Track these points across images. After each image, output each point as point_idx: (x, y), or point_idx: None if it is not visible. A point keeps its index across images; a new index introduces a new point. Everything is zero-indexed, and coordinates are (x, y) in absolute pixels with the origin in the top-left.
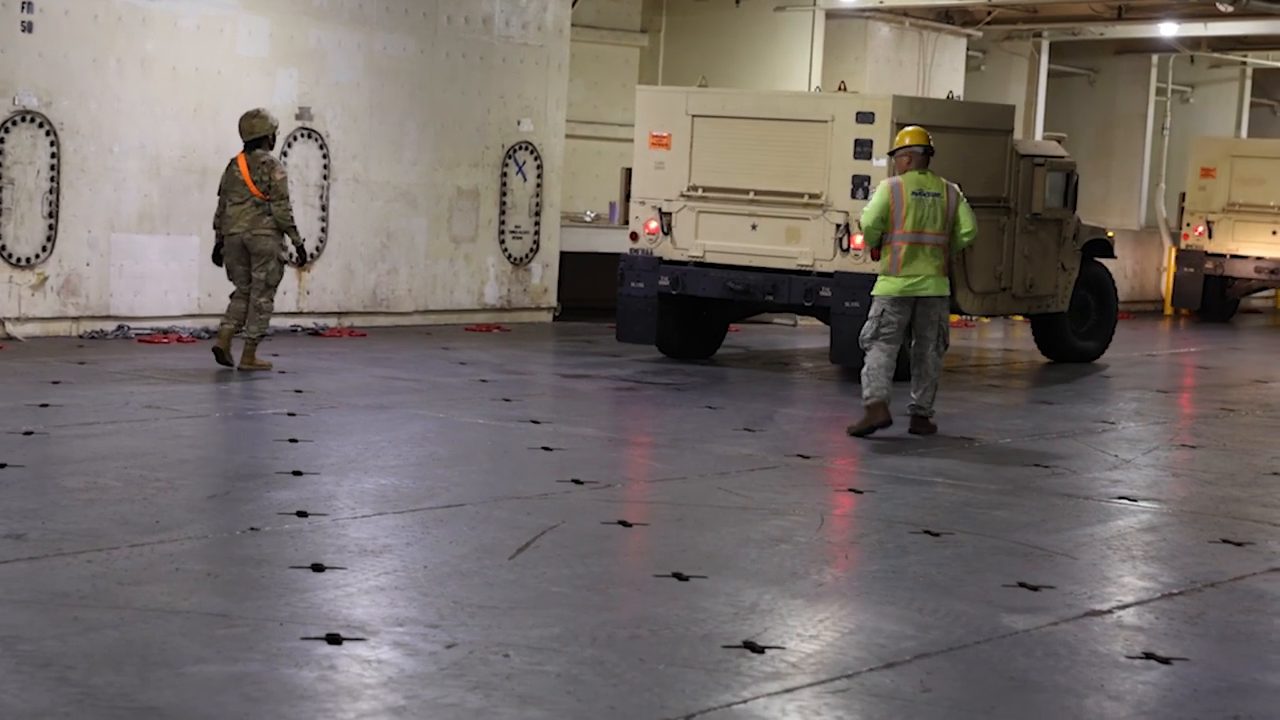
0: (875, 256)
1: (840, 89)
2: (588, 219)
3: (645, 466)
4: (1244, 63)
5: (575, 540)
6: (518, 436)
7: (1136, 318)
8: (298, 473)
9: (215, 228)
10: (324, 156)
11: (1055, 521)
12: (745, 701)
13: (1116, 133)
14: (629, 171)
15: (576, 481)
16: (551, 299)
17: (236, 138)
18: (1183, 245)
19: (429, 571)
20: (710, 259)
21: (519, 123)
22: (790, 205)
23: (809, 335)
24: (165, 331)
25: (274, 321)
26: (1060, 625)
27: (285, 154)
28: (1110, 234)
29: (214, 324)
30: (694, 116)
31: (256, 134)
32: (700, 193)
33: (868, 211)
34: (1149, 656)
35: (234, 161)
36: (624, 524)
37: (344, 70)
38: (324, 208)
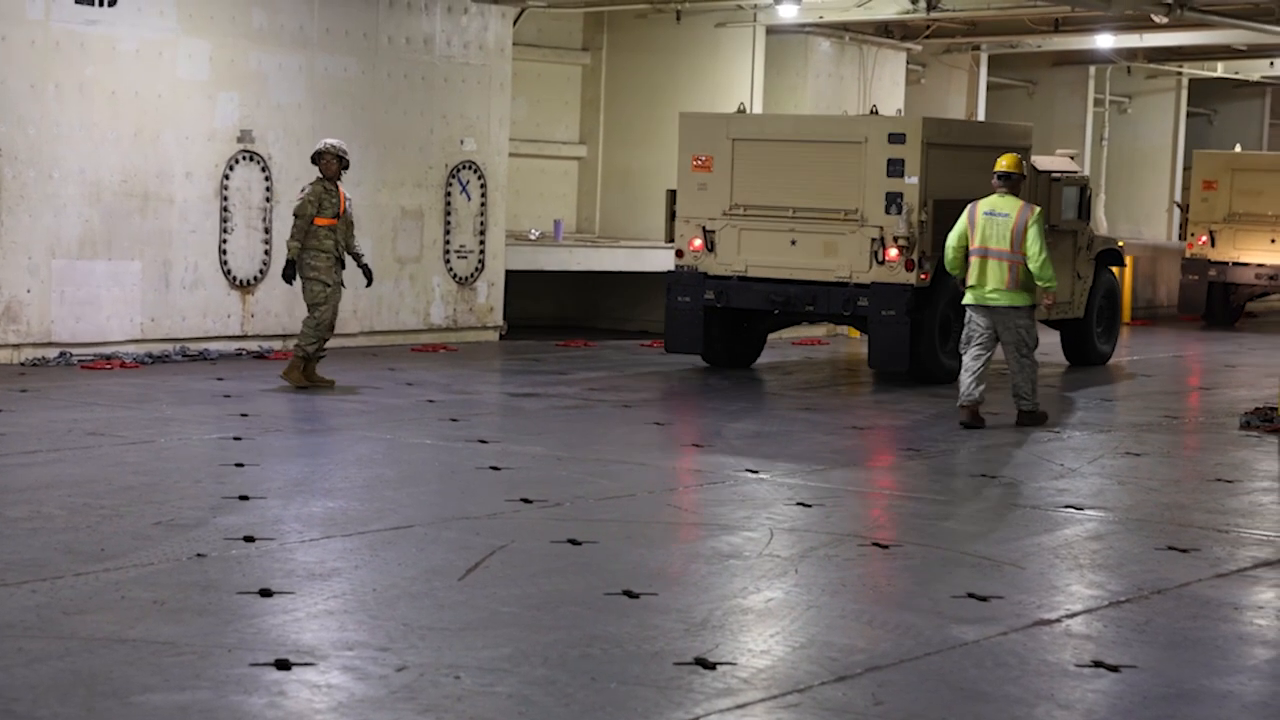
0: (909, 268)
1: (872, 113)
2: (533, 237)
3: (594, 484)
4: (1180, 73)
5: (525, 560)
6: (466, 456)
7: None
8: (244, 497)
9: None
10: (266, 179)
11: (1003, 531)
12: (698, 718)
13: (1055, 143)
14: (673, 193)
15: (525, 500)
16: (498, 318)
17: (178, 161)
18: (1187, 254)
19: (378, 594)
20: (752, 273)
21: (462, 142)
22: (828, 221)
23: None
24: (108, 357)
25: (218, 346)
26: (1009, 635)
27: (227, 177)
28: (1120, 243)
29: (158, 349)
30: (734, 140)
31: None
32: (742, 211)
33: (950, 235)
34: (1098, 665)
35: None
36: (573, 542)
37: (285, 92)
38: (267, 230)
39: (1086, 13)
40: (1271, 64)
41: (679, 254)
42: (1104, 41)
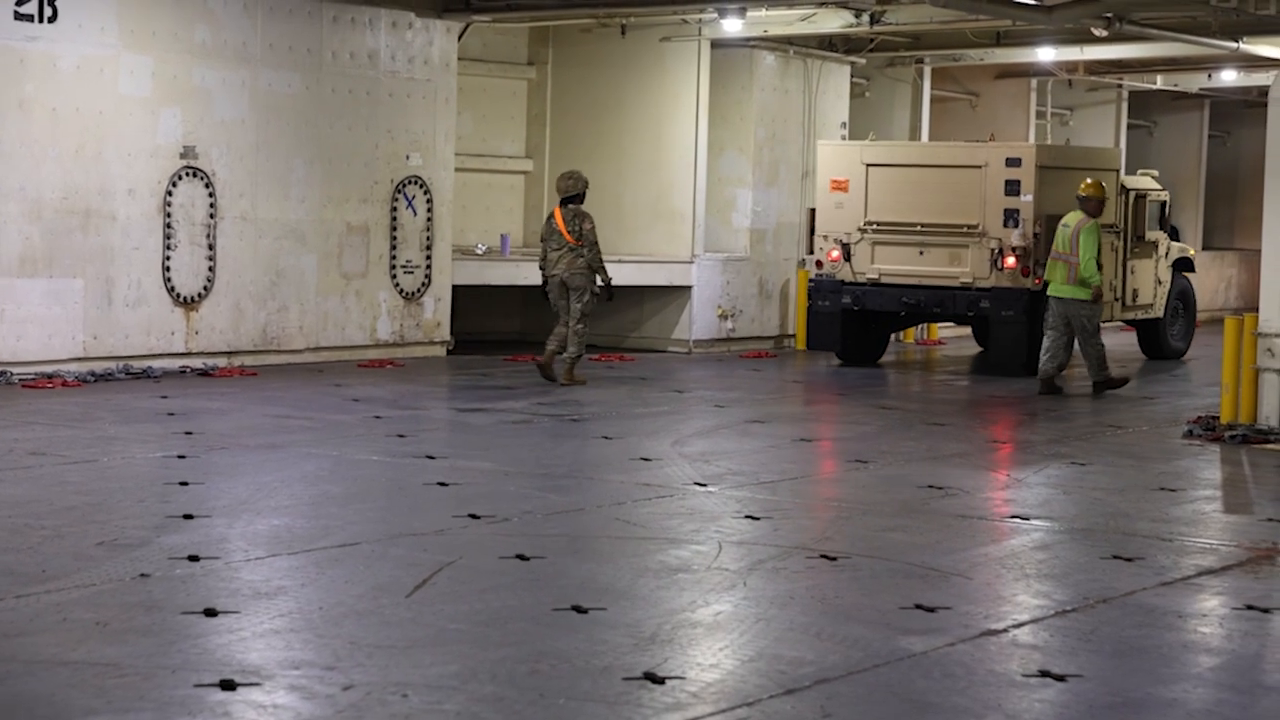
0: (1025, 274)
1: (990, 139)
2: (480, 252)
3: (542, 499)
4: (1120, 85)
5: (472, 576)
6: (413, 472)
7: None
8: (189, 516)
9: (540, 269)
10: (210, 195)
11: (950, 542)
12: None
13: None
14: (813, 211)
15: (473, 516)
16: (445, 333)
17: (121, 178)
18: None
19: (324, 612)
20: (885, 280)
21: (408, 157)
22: (952, 234)
23: (703, 364)
24: (50, 376)
25: (162, 363)
26: (957, 646)
27: (170, 193)
28: (1192, 252)
29: (100, 367)
30: (868, 165)
31: (571, 192)
32: (875, 227)
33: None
34: (1045, 674)
35: (551, 215)
36: (521, 558)
37: (229, 108)
38: (211, 247)
39: (1028, 26)
40: (1209, 76)
41: (818, 264)
42: (1045, 54)
